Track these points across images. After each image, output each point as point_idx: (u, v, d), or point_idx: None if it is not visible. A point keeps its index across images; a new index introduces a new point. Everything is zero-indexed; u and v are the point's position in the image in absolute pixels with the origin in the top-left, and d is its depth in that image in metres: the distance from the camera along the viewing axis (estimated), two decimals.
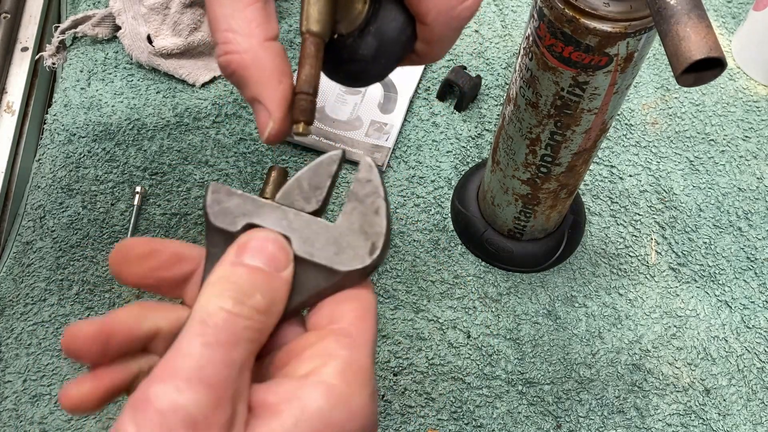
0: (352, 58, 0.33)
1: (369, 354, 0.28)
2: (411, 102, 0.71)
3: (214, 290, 0.27)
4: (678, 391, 0.58)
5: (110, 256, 0.30)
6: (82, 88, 0.72)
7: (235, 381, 0.25)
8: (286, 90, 0.31)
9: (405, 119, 0.70)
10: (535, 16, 0.43)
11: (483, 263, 0.63)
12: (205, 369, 0.24)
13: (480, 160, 0.68)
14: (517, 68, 0.48)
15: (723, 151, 0.69)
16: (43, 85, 0.75)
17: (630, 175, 0.68)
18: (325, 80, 0.37)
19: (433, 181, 0.67)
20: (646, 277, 0.63)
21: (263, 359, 0.29)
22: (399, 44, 0.33)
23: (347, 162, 0.68)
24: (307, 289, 0.29)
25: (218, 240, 0.30)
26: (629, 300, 0.62)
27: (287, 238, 0.30)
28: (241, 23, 0.30)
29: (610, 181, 0.68)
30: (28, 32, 0.76)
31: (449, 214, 0.66)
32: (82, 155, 0.68)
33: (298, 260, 0.30)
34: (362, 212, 0.31)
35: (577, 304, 0.62)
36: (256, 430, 0.25)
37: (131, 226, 0.63)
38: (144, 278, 0.31)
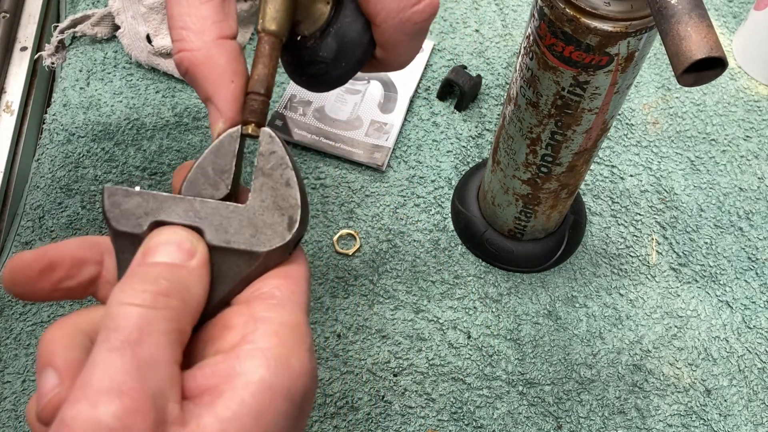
0: (312, 60, 0.32)
1: (299, 311, 0.27)
2: (411, 102, 0.71)
3: (117, 292, 0.25)
4: (679, 392, 0.58)
5: (3, 278, 0.28)
6: (81, 88, 0.71)
7: (154, 379, 0.23)
8: (237, 89, 0.30)
9: (405, 119, 0.70)
10: (536, 15, 0.43)
11: (483, 263, 0.63)
12: (114, 376, 0.23)
13: (480, 160, 0.68)
14: (518, 68, 0.48)
15: (724, 151, 0.69)
16: (42, 84, 0.75)
17: (631, 175, 0.68)
18: None
19: (433, 181, 0.67)
20: (646, 278, 0.63)
21: (193, 347, 0.27)
22: (359, 47, 0.33)
23: (347, 162, 0.68)
24: (231, 277, 0.28)
25: (126, 245, 0.28)
26: (630, 300, 0.62)
27: (198, 229, 0.29)
28: (196, 21, 0.29)
29: (610, 180, 0.67)
30: (27, 32, 0.76)
31: (449, 214, 0.66)
32: (81, 155, 0.68)
33: (216, 250, 0.28)
34: (272, 187, 0.29)
35: (577, 305, 0.61)
36: (201, 419, 0.24)
37: None
38: (51, 294, 0.29)
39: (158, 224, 0.28)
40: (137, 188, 0.29)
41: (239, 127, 0.30)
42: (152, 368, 0.23)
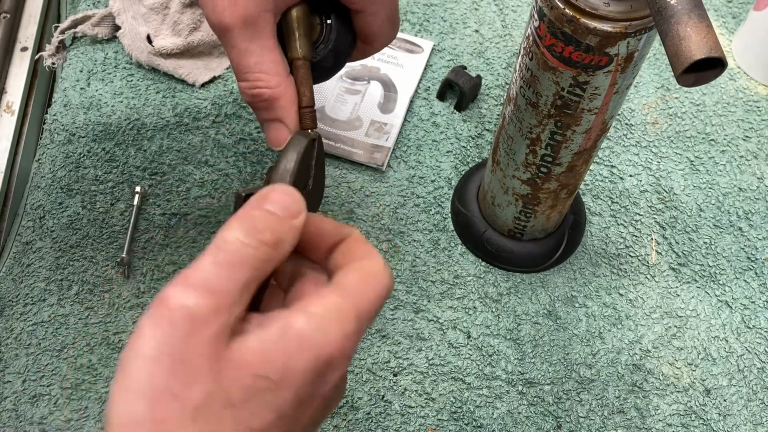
0: (315, 67, 0.42)
1: (357, 311, 0.32)
2: (411, 102, 0.71)
3: (234, 224, 0.31)
4: (678, 392, 0.58)
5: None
6: (81, 88, 0.71)
7: (235, 295, 0.30)
8: (297, 110, 0.41)
9: (405, 119, 0.70)
10: (536, 15, 0.43)
11: (483, 263, 0.63)
12: (209, 281, 0.29)
13: (480, 160, 0.68)
14: (518, 68, 0.48)
15: (723, 151, 0.69)
16: (42, 85, 0.75)
17: (630, 175, 0.68)
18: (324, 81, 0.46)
19: (433, 181, 0.67)
20: (646, 277, 0.63)
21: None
22: (348, 54, 0.44)
23: (347, 162, 0.68)
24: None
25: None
26: (629, 300, 0.62)
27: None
28: (270, 66, 0.40)
29: (610, 181, 0.67)
30: (28, 32, 0.76)
31: (449, 214, 0.66)
32: (81, 155, 0.68)
33: None
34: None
35: (577, 305, 0.61)
36: (246, 337, 0.30)
37: (131, 226, 0.63)
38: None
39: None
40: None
41: (317, 133, 0.41)
42: (239, 288, 0.30)
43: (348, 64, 0.72)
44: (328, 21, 0.42)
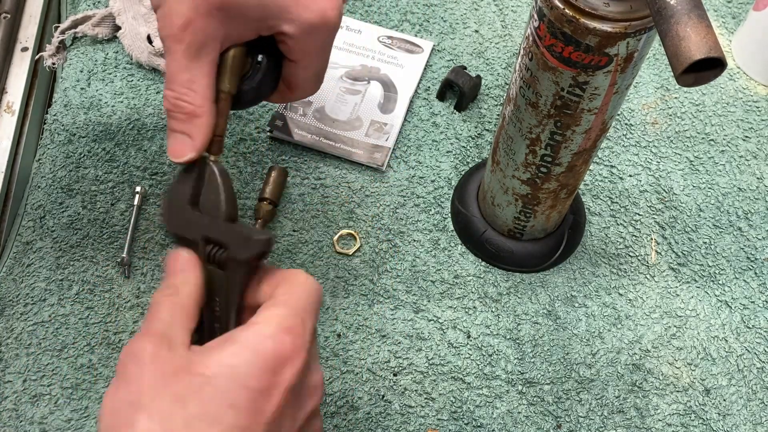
0: (235, 99, 0.45)
1: (289, 309, 0.37)
2: (411, 102, 0.71)
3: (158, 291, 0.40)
4: (678, 391, 0.58)
5: None
6: (82, 88, 0.72)
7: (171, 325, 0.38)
8: (211, 134, 0.43)
9: (405, 119, 0.70)
10: (535, 16, 0.43)
11: (483, 263, 0.63)
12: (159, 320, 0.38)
13: (480, 160, 0.68)
14: (517, 68, 0.48)
15: (723, 151, 0.70)
16: (43, 85, 0.75)
17: (630, 175, 0.68)
18: (324, 81, 0.49)
19: (433, 181, 0.67)
20: (646, 277, 0.63)
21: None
22: (267, 94, 0.47)
23: (347, 162, 0.68)
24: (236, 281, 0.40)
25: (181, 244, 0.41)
26: (629, 300, 0.62)
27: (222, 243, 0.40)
28: (202, 89, 0.42)
29: (610, 181, 0.68)
30: (28, 32, 0.76)
31: (449, 214, 0.66)
32: (82, 155, 0.68)
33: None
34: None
35: (577, 304, 0.62)
36: (197, 351, 0.36)
37: (131, 226, 0.63)
38: None
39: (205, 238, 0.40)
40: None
41: (220, 163, 0.43)
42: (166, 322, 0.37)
43: (348, 64, 0.72)
44: (259, 61, 0.45)
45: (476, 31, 0.76)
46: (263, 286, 0.40)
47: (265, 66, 0.46)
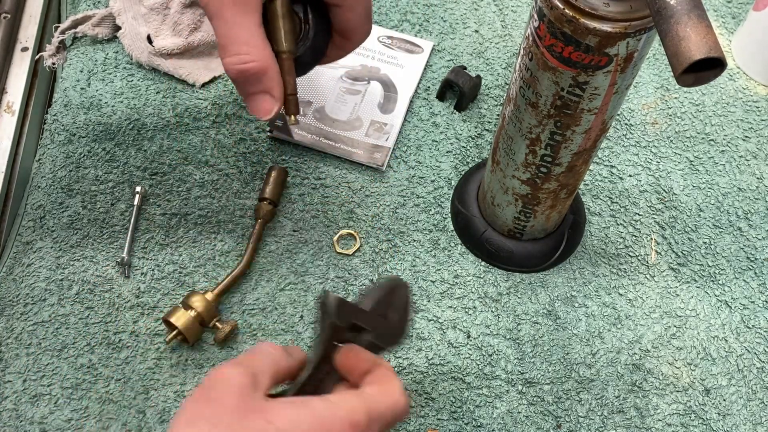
0: (299, 62, 0.45)
1: (367, 410, 0.38)
2: (411, 102, 0.71)
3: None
4: (678, 391, 0.58)
5: None
6: (82, 88, 0.72)
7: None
8: (283, 89, 0.44)
9: (405, 119, 0.70)
10: (535, 16, 0.43)
11: (483, 263, 0.63)
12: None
13: (480, 160, 0.68)
14: (517, 68, 0.48)
15: (723, 151, 0.70)
16: (43, 85, 0.75)
17: (630, 175, 0.68)
18: (324, 81, 0.52)
19: (433, 181, 0.67)
20: (646, 277, 0.63)
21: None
22: (324, 51, 0.47)
23: (347, 162, 0.68)
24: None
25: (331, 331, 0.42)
26: (629, 300, 0.62)
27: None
28: (256, 40, 0.42)
29: (610, 181, 0.68)
30: (28, 32, 0.76)
31: (449, 214, 0.66)
32: (82, 155, 0.68)
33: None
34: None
35: (577, 304, 0.62)
36: (275, 402, 0.37)
37: (131, 226, 0.63)
38: None
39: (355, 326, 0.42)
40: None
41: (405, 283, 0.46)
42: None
43: (348, 64, 0.72)
44: (309, 18, 0.45)
45: (476, 31, 0.76)
46: (361, 361, 0.41)
47: (315, 22, 0.45)
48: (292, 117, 0.45)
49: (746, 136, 0.70)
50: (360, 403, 0.38)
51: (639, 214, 0.66)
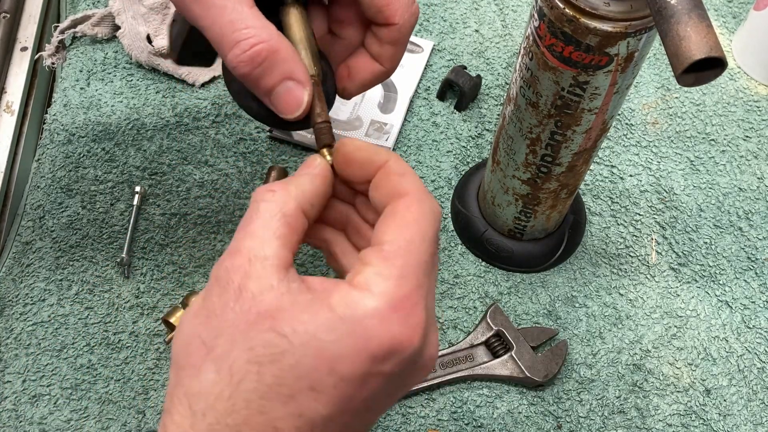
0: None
1: (398, 265, 0.30)
2: (411, 102, 0.71)
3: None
4: (678, 392, 0.58)
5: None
6: (81, 88, 0.71)
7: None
8: (304, 68, 0.36)
9: (405, 119, 0.70)
10: (536, 15, 0.43)
11: (483, 263, 0.63)
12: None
13: (480, 160, 0.68)
14: (518, 68, 0.48)
15: (723, 151, 0.69)
16: (42, 84, 0.75)
17: (630, 175, 0.68)
18: None
19: (433, 181, 0.67)
20: (646, 277, 0.63)
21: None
22: (332, 99, 0.40)
23: None
24: None
25: None
26: (630, 300, 0.62)
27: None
28: (255, 21, 0.34)
29: (610, 181, 0.67)
30: (28, 32, 0.76)
31: (449, 214, 0.66)
32: (81, 155, 0.68)
33: None
34: None
35: (577, 304, 0.61)
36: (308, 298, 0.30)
37: (131, 226, 0.63)
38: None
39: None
40: None
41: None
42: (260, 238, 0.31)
43: None
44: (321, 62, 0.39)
45: (476, 31, 0.76)
46: (373, 187, 0.34)
47: (325, 65, 0.39)
48: (324, 151, 0.36)
49: (747, 136, 0.70)
50: (393, 271, 0.30)
51: (639, 214, 0.66)
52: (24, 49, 0.75)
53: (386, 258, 0.30)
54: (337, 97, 0.41)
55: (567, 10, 0.40)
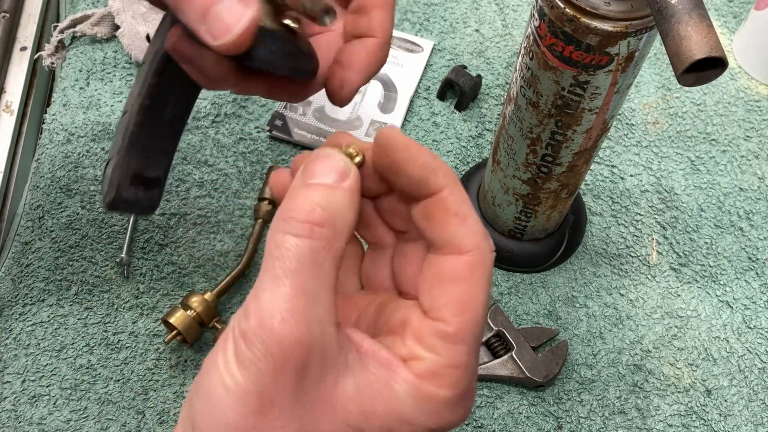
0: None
1: (464, 352, 0.27)
2: (411, 101, 0.71)
3: (279, 219, 0.27)
4: (679, 392, 0.58)
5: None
6: (81, 88, 0.71)
7: (311, 305, 0.26)
8: None
9: (405, 119, 0.70)
10: (536, 15, 0.43)
11: None
12: (278, 303, 0.25)
13: (480, 160, 0.68)
14: (518, 68, 0.48)
15: (724, 150, 0.69)
16: (41, 84, 0.74)
17: (631, 175, 0.68)
18: None
19: None
20: (647, 278, 0.63)
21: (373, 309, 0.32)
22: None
23: None
24: None
25: None
26: (630, 300, 0.62)
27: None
28: None
29: (611, 180, 0.67)
30: (27, 31, 0.76)
31: None
32: (80, 155, 0.68)
33: None
34: None
35: (577, 305, 0.61)
36: (344, 376, 0.27)
37: (130, 226, 0.63)
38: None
39: None
40: None
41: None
42: (311, 293, 0.26)
43: None
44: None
45: (477, 31, 0.76)
46: (424, 219, 0.29)
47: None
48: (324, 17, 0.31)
49: (748, 136, 0.70)
50: (451, 354, 0.27)
51: (640, 214, 0.66)
52: (23, 48, 0.75)
53: (454, 343, 0.27)
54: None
55: (567, 10, 0.40)
